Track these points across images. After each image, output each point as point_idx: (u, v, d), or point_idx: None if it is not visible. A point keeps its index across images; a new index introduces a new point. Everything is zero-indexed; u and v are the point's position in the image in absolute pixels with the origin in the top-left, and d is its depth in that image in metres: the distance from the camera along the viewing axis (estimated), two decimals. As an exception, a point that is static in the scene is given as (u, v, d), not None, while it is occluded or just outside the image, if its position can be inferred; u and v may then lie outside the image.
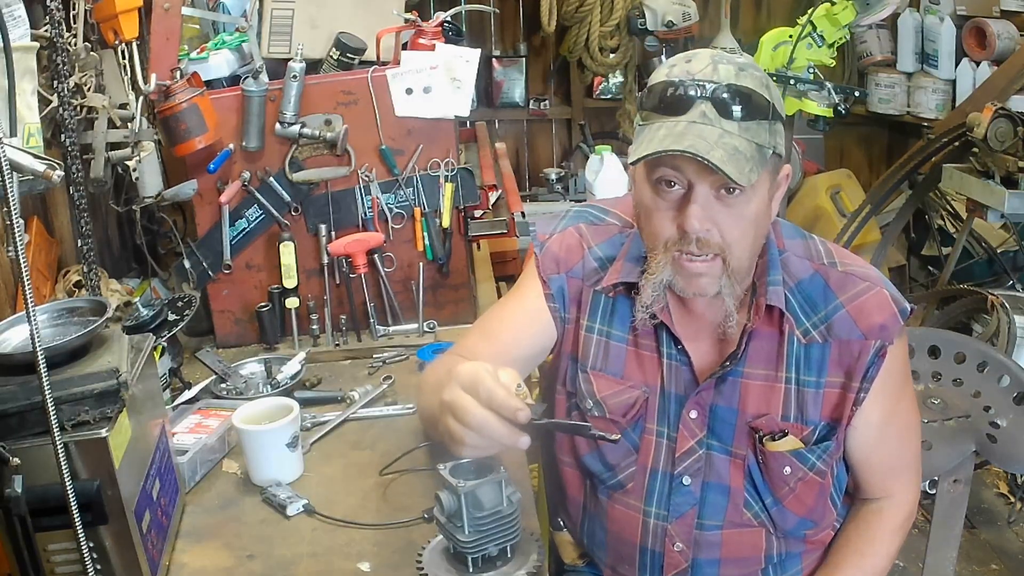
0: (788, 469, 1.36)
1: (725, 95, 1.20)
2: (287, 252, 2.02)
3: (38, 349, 1.08)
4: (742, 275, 1.31)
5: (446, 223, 2.07)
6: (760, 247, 1.33)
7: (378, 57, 2.08)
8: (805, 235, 1.42)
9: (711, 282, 1.28)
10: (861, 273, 1.37)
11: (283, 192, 2.01)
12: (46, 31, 1.82)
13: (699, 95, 1.20)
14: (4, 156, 1.07)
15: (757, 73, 1.25)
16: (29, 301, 1.08)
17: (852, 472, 1.46)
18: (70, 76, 1.89)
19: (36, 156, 1.22)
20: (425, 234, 2.06)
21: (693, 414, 1.38)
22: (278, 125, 1.95)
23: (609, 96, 4.30)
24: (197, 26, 2.19)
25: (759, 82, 1.23)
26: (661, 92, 1.23)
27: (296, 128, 1.95)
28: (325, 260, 2.04)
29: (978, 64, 3.68)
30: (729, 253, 1.26)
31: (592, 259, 1.45)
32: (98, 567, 1.19)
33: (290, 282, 2.04)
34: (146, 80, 1.88)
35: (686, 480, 1.39)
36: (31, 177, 1.21)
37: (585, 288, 1.44)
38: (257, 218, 2.03)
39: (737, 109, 1.20)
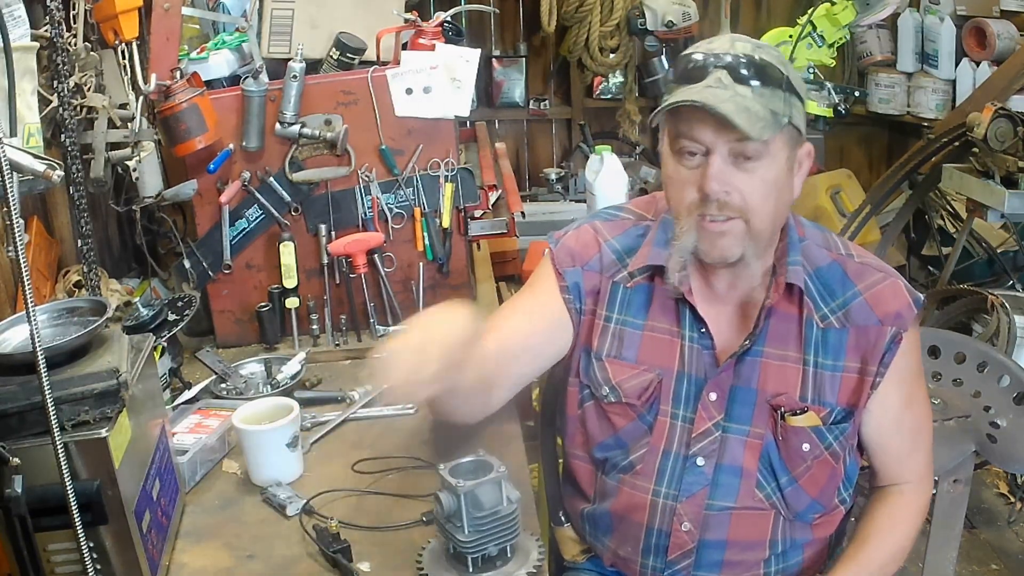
0: (807, 446, 1.39)
1: (739, 64, 1.28)
2: (287, 252, 2.02)
3: (38, 349, 1.08)
4: (765, 241, 1.35)
5: (446, 223, 2.07)
6: (783, 217, 1.38)
7: (378, 57, 2.08)
8: (823, 229, 1.50)
9: (733, 242, 1.32)
10: (876, 264, 1.45)
11: (283, 192, 2.01)
12: (46, 31, 1.82)
13: (715, 64, 1.28)
14: (4, 156, 1.07)
15: (774, 51, 1.34)
16: (29, 301, 1.08)
17: (871, 457, 1.50)
18: (70, 76, 1.89)
19: (36, 156, 1.22)
20: (425, 234, 2.06)
21: (713, 396, 1.41)
22: (278, 125, 1.95)
23: (609, 96, 4.29)
24: (197, 26, 2.19)
25: (776, 58, 1.32)
26: (683, 66, 1.33)
27: (296, 128, 1.95)
28: (325, 260, 2.04)
29: (978, 64, 3.67)
30: (751, 215, 1.31)
31: (610, 251, 1.49)
32: (98, 567, 1.19)
33: (290, 282, 2.04)
34: (146, 80, 1.88)
35: (700, 461, 1.41)
36: (31, 177, 1.21)
37: (603, 280, 1.48)
38: (257, 218, 2.03)
39: (750, 77, 1.27)
